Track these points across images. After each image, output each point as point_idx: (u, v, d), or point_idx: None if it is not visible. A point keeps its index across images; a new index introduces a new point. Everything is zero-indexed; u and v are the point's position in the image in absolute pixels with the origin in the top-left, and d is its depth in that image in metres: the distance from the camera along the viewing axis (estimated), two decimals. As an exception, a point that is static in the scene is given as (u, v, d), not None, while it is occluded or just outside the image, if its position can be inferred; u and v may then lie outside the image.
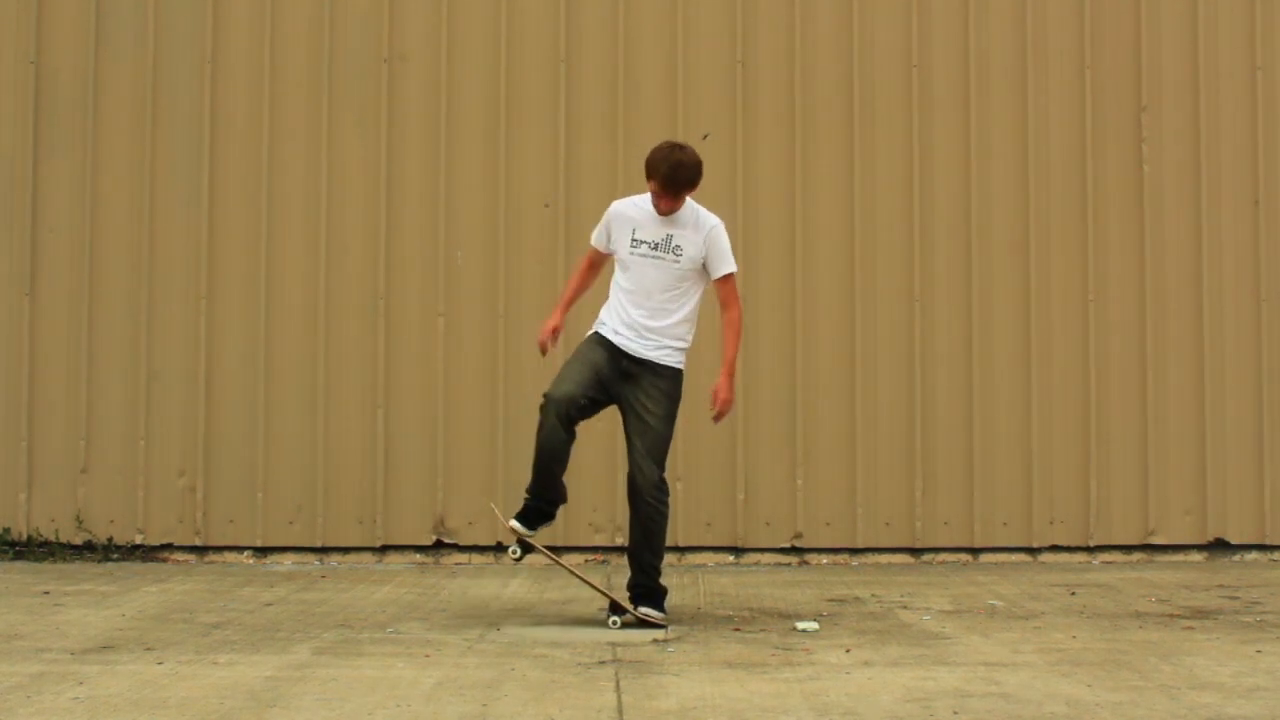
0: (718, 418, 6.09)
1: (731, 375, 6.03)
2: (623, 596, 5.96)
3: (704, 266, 5.92)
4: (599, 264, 6.15)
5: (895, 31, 8.17)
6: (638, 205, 5.98)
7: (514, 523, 5.94)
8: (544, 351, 6.08)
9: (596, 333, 5.96)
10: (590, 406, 5.87)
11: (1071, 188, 8.15)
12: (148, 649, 5.34)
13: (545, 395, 5.82)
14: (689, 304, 5.94)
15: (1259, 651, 5.33)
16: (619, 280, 5.96)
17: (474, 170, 8.06)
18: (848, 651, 5.33)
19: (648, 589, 5.90)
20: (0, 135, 8.05)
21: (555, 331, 6.04)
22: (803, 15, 8.15)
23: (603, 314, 5.99)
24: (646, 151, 5.96)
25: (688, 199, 5.93)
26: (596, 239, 6.07)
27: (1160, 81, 8.23)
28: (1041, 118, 8.16)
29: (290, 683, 4.75)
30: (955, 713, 4.34)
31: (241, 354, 7.96)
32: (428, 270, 8.01)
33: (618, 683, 4.77)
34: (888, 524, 7.99)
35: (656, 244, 5.87)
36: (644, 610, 5.83)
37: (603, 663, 5.11)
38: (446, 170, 8.04)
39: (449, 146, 8.05)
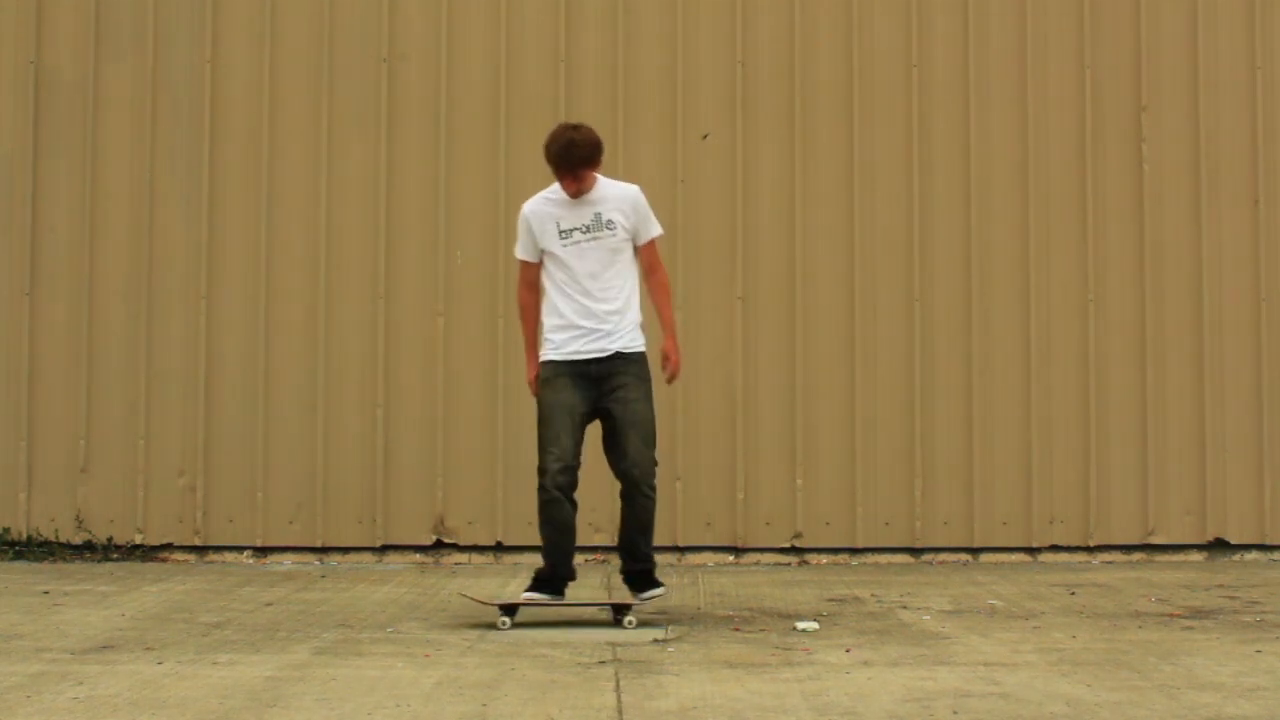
0: (671, 379, 6.02)
1: (675, 334, 5.98)
2: (622, 595, 5.99)
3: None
4: (537, 282, 5.96)
5: (895, 31, 8.17)
6: (550, 199, 5.93)
7: (528, 595, 5.85)
8: None
9: (552, 363, 5.83)
10: (581, 451, 5.84)
11: (1071, 188, 8.15)
12: (148, 649, 5.34)
13: (540, 470, 5.76)
14: (631, 275, 5.90)
15: (1259, 651, 5.33)
16: (556, 280, 5.85)
17: (474, 170, 8.06)
18: (847, 651, 5.33)
19: (646, 571, 5.93)
20: (0, 135, 8.05)
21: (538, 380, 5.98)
22: (803, 15, 8.15)
23: (548, 330, 5.88)
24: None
25: (598, 176, 5.90)
26: (524, 251, 5.95)
27: (1160, 81, 8.23)
28: (1041, 118, 8.16)
29: (290, 683, 4.75)
30: (955, 713, 4.34)
31: (241, 354, 7.96)
32: (428, 270, 8.01)
33: (618, 683, 4.77)
34: (887, 524, 7.99)
35: (587, 226, 5.83)
36: (646, 595, 5.88)
37: (603, 662, 5.11)
38: (446, 170, 8.04)
39: (449, 146, 8.05)
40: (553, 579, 5.88)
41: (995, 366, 8.06)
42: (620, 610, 5.86)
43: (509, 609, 5.86)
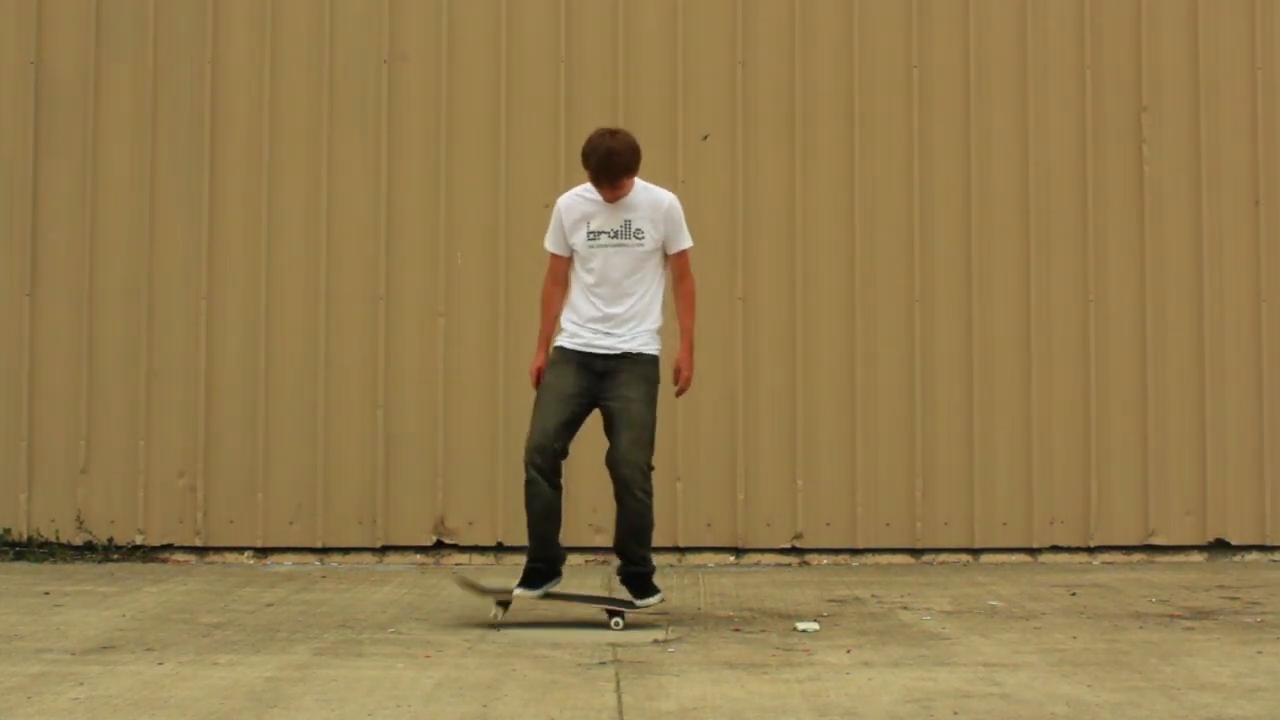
0: (680, 392, 6.03)
1: (692, 348, 5.98)
2: (621, 593, 5.99)
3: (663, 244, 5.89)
4: (565, 275, 5.97)
5: (895, 31, 8.17)
6: (585, 196, 5.88)
7: (519, 591, 5.88)
8: None
9: (561, 349, 5.87)
10: (570, 438, 5.83)
11: (1071, 188, 8.15)
12: (148, 649, 5.34)
13: (526, 449, 5.80)
14: (655, 282, 5.89)
15: (1259, 652, 5.33)
16: (580, 276, 5.87)
17: (474, 170, 8.06)
18: (848, 652, 5.34)
19: (640, 574, 5.89)
20: (0, 135, 8.05)
21: (542, 371, 5.97)
22: (803, 15, 8.15)
23: (564, 321, 5.90)
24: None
25: (636, 179, 5.85)
26: (553, 244, 5.95)
27: (1160, 81, 8.22)
28: (1041, 118, 8.16)
29: (290, 683, 4.75)
30: (955, 713, 4.35)
31: (241, 354, 7.96)
32: (428, 270, 8.01)
33: (618, 683, 4.77)
34: (888, 524, 7.99)
35: (616, 231, 5.81)
36: (642, 604, 5.83)
37: (603, 663, 5.11)
38: (446, 170, 8.04)
39: (449, 146, 8.05)
40: (537, 566, 5.88)
41: (995, 366, 8.06)
42: (613, 611, 5.85)
43: (505, 602, 5.87)
